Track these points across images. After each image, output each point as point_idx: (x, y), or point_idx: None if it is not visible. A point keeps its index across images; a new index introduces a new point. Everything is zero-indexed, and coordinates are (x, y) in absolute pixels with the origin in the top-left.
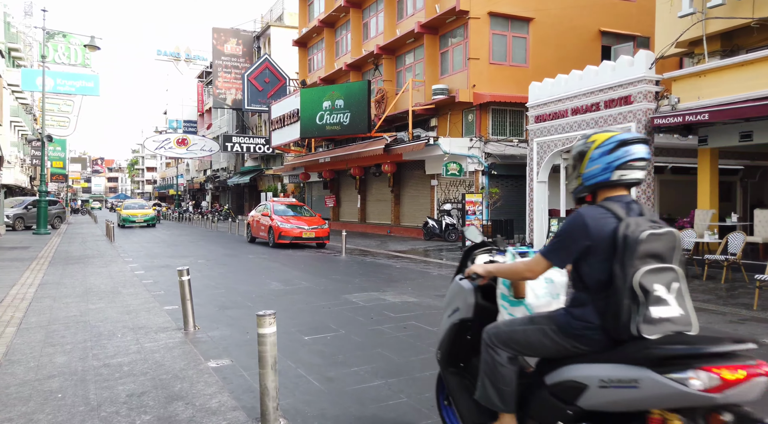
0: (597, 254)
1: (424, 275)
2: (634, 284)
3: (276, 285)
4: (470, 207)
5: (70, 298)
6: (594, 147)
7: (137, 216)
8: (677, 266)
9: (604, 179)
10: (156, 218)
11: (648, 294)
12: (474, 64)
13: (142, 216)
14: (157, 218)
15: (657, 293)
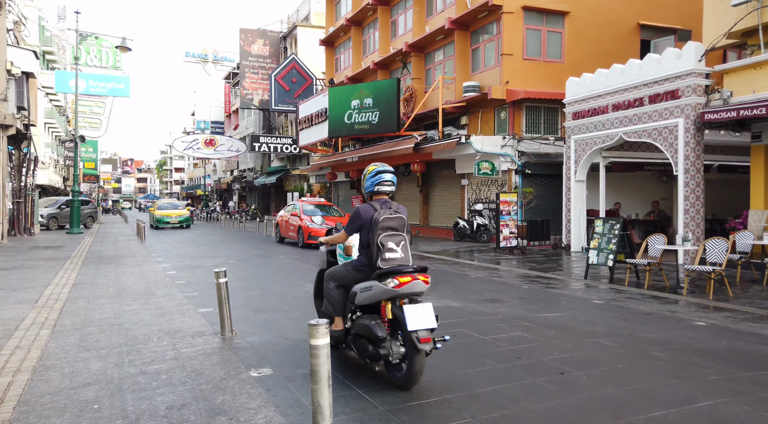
0: (365, 228)
1: (462, 278)
2: (378, 243)
3: (309, 287)
4: (505, 207)
5: (104, 299)
6: (366, 174)
7: (171, 217)
8: (404, 233)
9: (370, 190)
10: (190, 218)
11: (384, 247)
12: (507, 60)
13: (176, 217)
14: (191, 218)
15: (389, 246)
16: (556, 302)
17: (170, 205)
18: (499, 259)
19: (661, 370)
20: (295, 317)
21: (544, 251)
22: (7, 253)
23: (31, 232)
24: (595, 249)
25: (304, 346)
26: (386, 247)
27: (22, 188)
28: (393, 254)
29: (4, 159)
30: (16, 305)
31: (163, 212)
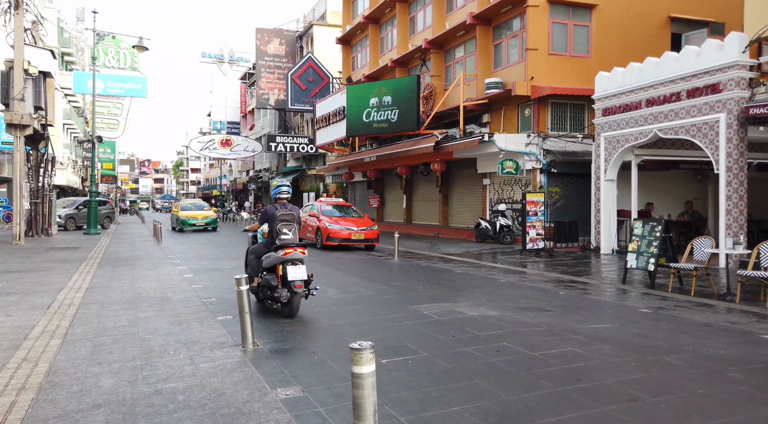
0: (270, 220)
1: (491, 282)
2: (276, 229)
3: (334, 292)
4: (531, 208)
5: (119, 305)
6: (272, 186)
7: (197, 218)
8: (294, 223)
9: (275, 197)
10: (217, 220)
11: (280, 232)
12: (532, 56)
13: (202, 218)
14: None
15: (284, 231)
16: (601, 310)
17: (194, 206)
18: (525, 261)
19: (750, 397)
20: (320, 326)
21: (571, 253)
22: (24, 254)
23: (48, 233)
24: (633, 252)
25: (333, 360)
26: (281, 232)
27: (40, 189)
28: (285, 236)
29: (21, 159)
30: (27, 310)
31: (187, 214)
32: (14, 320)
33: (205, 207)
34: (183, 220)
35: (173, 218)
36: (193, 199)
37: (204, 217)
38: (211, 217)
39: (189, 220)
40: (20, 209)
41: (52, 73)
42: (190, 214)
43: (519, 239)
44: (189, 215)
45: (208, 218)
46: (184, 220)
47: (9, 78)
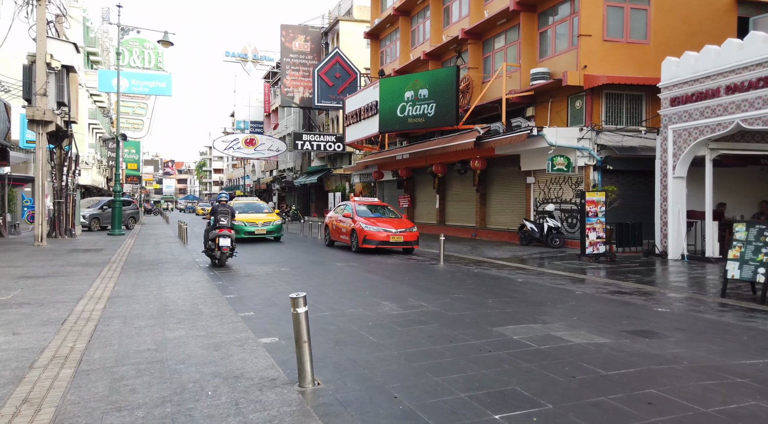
0: (213, 214)
1: (568, 295)
2: (217, 218)
3: (390, 307)
4: (591, 208)
5: (143, 319)
6: (218, 194)
7: (256, 224)
8: (228, 215)
9: (218, 199)
10: (282, 227)
11: (219, 220)
12: (585, 42)
13: (263, 224)
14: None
15: (221, 219)
16: (733, 336)
17: (249, 207)
18: (586, 268)
19: None
20: (390, 355)
21: (634, 258)
22: (45, 256)
23: (72, 233)
24: (735, 260)
25: (421, 412)
26: (219, 220)
27: (63, 188)
28: (221, 222)
29: (43, 157)
30: (39, 327)
31: (242, 217)
32: (22, 340)
33: (264, 208)
34: (238, 226)
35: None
36: (246, 198)
37: (265, 222)
38: (275, 222)
39: (245, 226)
40: (42, 209)
41: (75, 67)
42: (247, 218)
43: (569, 242)
44: (245, 220)
45: (270, 223)
46: (239, 226)
47: (31, 72)
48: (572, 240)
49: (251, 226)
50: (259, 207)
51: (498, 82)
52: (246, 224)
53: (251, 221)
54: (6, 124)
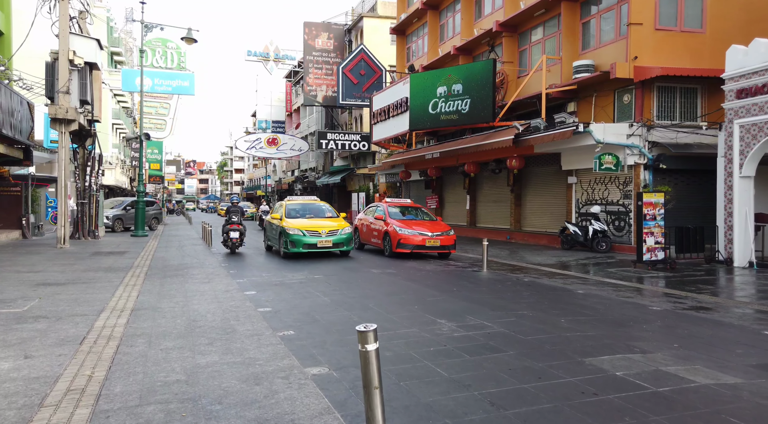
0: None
1: (646, 311)
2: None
3: (448, 326)
4: (649, 210)
5: (170, 339)
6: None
7: (319, 233)
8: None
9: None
10: (352, 236)
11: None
12: (635, 31)
13: (328, 233)
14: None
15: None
16: None
17: (307, 209)
18: (644, 276)
19: None
20: (470, 397)
21: (695, 265)
22: (67, 260)
23: (95, 235)
24: None
25: None
26: (230, 218)
27: (87, 189)
28: (233, 219)
29: (65, 157)
30: (55, 347)
31: (300, 224)
32: (34, 365)
33: (327, 211)
34: (295, 237)
35: (272, 230)
36: (300, 197)
37: (330, 230)
38: (343, 230)
39: (304, 236)
40: (65, 210)
41: (98, 64)
42: (305, 225)
43: (616, 246)
44: (304, 227)
45: (338, 232)
46: (296, 237)
47: (54, 70)
48: (620, 244)
49: (312, 235)
50: (319, 209)
51: (535, 77)
52: (305, 234)
53: (312, 228)
54: (29, 124)
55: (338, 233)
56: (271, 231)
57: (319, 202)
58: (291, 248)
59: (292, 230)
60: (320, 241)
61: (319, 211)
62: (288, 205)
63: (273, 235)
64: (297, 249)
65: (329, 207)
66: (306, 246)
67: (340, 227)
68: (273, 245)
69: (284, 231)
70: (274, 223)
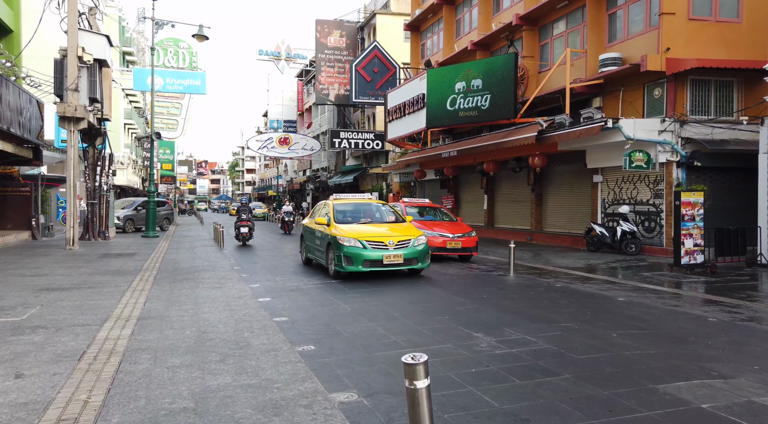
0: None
1: (704, 323)
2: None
3: (487, 341)
4: (688, 210)
5: (178, 354)
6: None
7: (385, 245)
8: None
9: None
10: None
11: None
12: (667, 22)
13: (397, 245)
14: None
15: (242, 215)
16: None
17: (362, 210)
18: (684, 281)
19: None
20: None
21: (736, 269)
22: (74, 262)
23: (105, 235)
24: None
25: None
26: (240, 216)
27: (97, 189)
28: (242, 217)
29: (75, 156)
30: (51, 364)
31: (359, 233)
32: (25, 387)
33: (386, 213)
34: (351, 250)
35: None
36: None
37: (401, 240)
38: (416, 241)
39: (365, 249)
40: (74, 211)
41: (108, 61)
42: (365, 233)
43: (646, 248)
44: (363, 236)
45: (409, 243)
46: (353, 250)
47: (63, 67)
48: (650, 246)
49: (376, 248)
50: (378, 211)
51: (557, 72)
52: (365, 246)
53: (374, 238)
54: (39, 123)
55: (410, 244)
56: (312, 240)
57: (376, 201)
58: (347, 266)
59: (348, 241)
60: (387, 255)
61: (377, 213)
62: (336, 206)
63: (317, 246)
64: (355, 267)
65: (390, 208)
66: (368, 263)
67: (411, 235)
68: (316, 258)
69: (335, 242)
70: (318, 230)
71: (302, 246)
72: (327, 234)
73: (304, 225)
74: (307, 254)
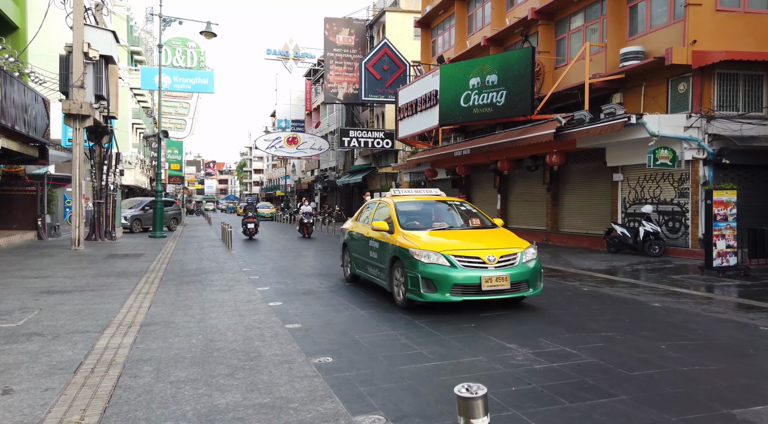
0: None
1: (755, 333)
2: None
3: (523, 353)
4: (719, 210)
5: (183, 367)
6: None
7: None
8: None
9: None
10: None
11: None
12: (694, 13)
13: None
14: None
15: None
16: None
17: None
18: (717, 285)
19: None
20: None
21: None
22: (78, 263)
23: (112, 236)
24: None
25: None
26: (247, 214)
27: (103, 188)
28: (249, 214)
29: (80, 154)
30: (43, 377)
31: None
32: (11, 405)
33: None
34: (433, 270)
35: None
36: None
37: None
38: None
39: (454, 268)
40: (79, 211)
41: (114, 57)
42: (450, 244)
43: (670, 249)
44: (452, 250)
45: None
46: (436, 270)
47: (68, 63)
48: (674, 247)
49: (470, 266)
50: (454, 212)
51: (575, 67)
52: (454, 264)
53: (465, 251)
54: (45, 121)
55: (517, 259)
56: (362, 251)
57: (448, 198)
58: (428, 293)
59: (427, 256)
60: (487, 278)
61: (454, 215)
62: (399, 206)
63: (372, 260)
64: (440, 294)
65: (470, 207)
66: (458, 289)
67: (514, 245)
68: (368, 276)
69: (407, 257)
70: (373, 238)
71: (345, 257)
72: (391, 244)
73: (349, 231)
74: (356, 270)
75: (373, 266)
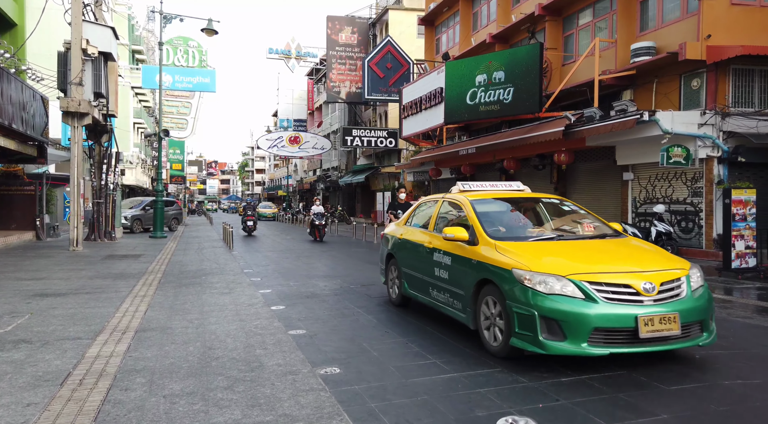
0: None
1: None
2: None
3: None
4: (738, 209)
5: (178, 379)
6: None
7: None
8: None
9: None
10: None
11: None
12: (708, 7)
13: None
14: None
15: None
16: None
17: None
18: (736, 287)
19: None
20: None
21: None
22: (75, 265)
23: (111, 236)
24: None
25: None
26: (246, 212)
27: (103, 188)
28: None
29: (78, 153)
30: (26, 390)
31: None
32: None
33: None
34: (561, 304)
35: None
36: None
37: (666, 280)
38: (692, 277)
39: (593, 306)
40: (77, 211)
41: (113, 54)
42: (581, 265)
43: (682, 249)
44: (580, 272)
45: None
46: (564, 304)
47: (67, 60)
48: (687, 248)
49: (618, 301)
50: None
51: (584, 64)
52: (592, 296)
53: (613, 277)
54: (43, 119)
55: (683, 288)
56: (422, 266)
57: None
58: (550, 341)
59: (544, 281)
60: (646, 317)
61: (559, 220)
62: (478, 207)
63: (442, 281)
64: (573, 344)
65: (576, 205)
66: (601, 335)
67: (673, 266)
68: (434, 302)
69: (508, 280)
70: (438, 248)
71: (390, 271)
72: (475, 261)
73: (396, 238)
74: (407, 290)
75: (441, 289)
